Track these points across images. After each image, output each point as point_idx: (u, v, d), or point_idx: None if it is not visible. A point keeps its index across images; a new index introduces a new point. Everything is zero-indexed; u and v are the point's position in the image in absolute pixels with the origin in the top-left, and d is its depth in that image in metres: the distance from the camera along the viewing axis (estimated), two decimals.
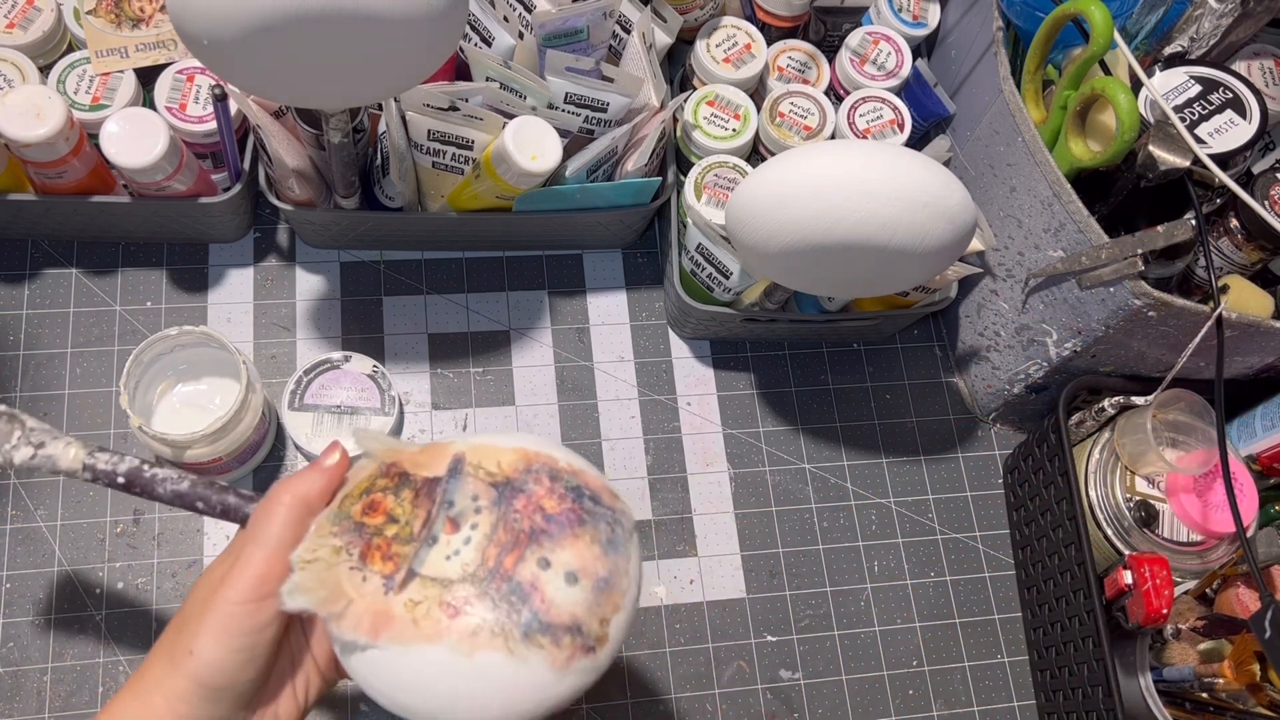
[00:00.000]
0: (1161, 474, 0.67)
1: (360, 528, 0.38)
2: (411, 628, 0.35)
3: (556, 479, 0.39)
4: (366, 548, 0.37)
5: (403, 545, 0.37)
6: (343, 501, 0.39)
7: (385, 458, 0.40)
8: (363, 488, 0.39)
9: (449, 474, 0.39)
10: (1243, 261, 0.64)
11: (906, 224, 0.53)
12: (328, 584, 0.36)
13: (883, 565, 0.73)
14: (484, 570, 0.36)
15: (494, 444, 0.40)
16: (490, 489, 0.38)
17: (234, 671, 0.37)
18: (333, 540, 0.37)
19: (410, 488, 0.38)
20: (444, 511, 0.38)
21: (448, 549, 0.37)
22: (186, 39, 0.49)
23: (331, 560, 0.37)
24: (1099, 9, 0.57)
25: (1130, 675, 0.62)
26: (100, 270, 0.72)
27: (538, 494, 0.38)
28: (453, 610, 0.35)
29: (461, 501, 0.38)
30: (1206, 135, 0.61)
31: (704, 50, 0.74)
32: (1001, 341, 0.73)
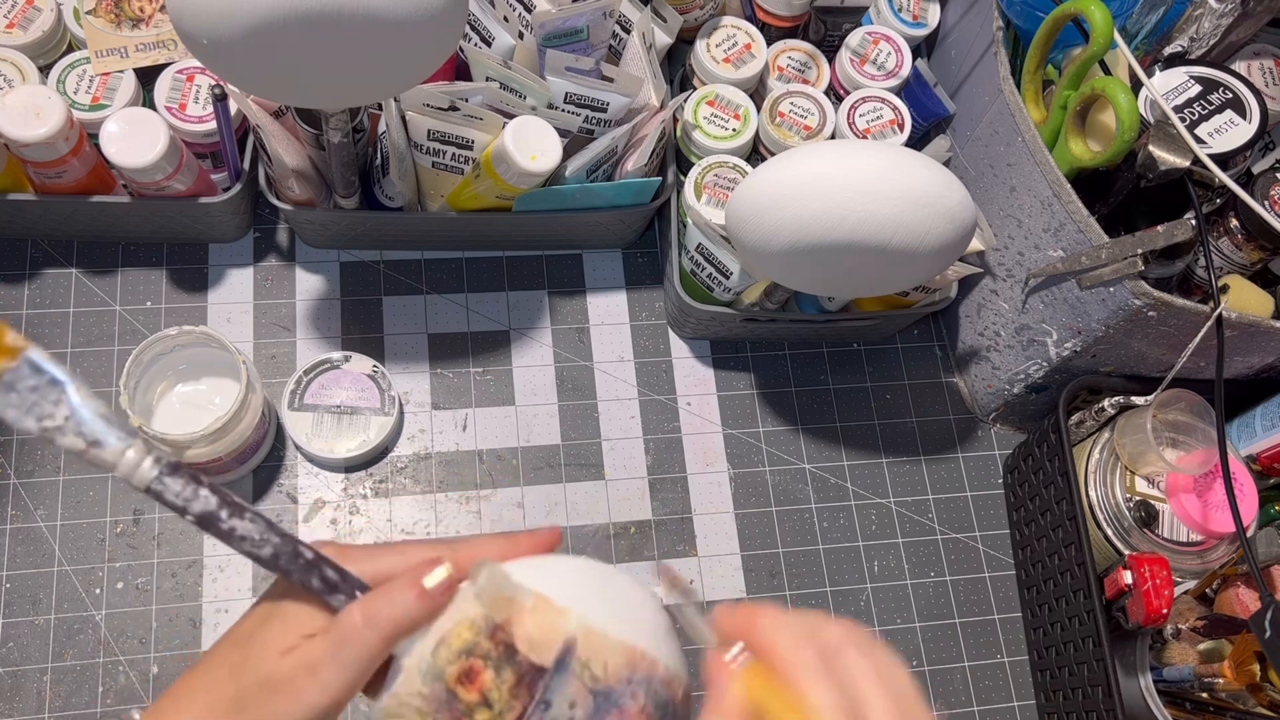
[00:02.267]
0: (1161, 474, 0.67)
1: (451, 700, 0.36)
2: None
3: (650, 695, 0.37)
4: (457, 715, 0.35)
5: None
6: (438, 650, 0.36)
7: (495, 612, 0.37)
8: (463, 642, 0.36)
9: (556, 668, 0.36)
10: (1243, 261, 0.64)
11: (907, 224, 0.53)
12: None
13: (883, 565, 0.73)
14: None
15: (608, 633, 0.37)
16: (589, 697, 0.36)
17: (342, 701, 0.36)
18: (420, 703, 0.36)
19: (514, 670, 0.36)
20: (540, 712, 0.36)
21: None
22: (186, 39, 0.49)
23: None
24: (1099, 9, 0.57)
25: (1130, 675, 0.62)
26: (100, 270, 0.72)
27: (630, 712, 0.37)
28: None
29: (559, 707, 0.36)
30: (1206, 135, 0.61)
31: (704, 50, 0.73)
32: (1001, 341, 0.73)
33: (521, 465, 0.71)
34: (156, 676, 0.63)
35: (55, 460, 0.67)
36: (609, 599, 0.39)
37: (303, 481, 0.69)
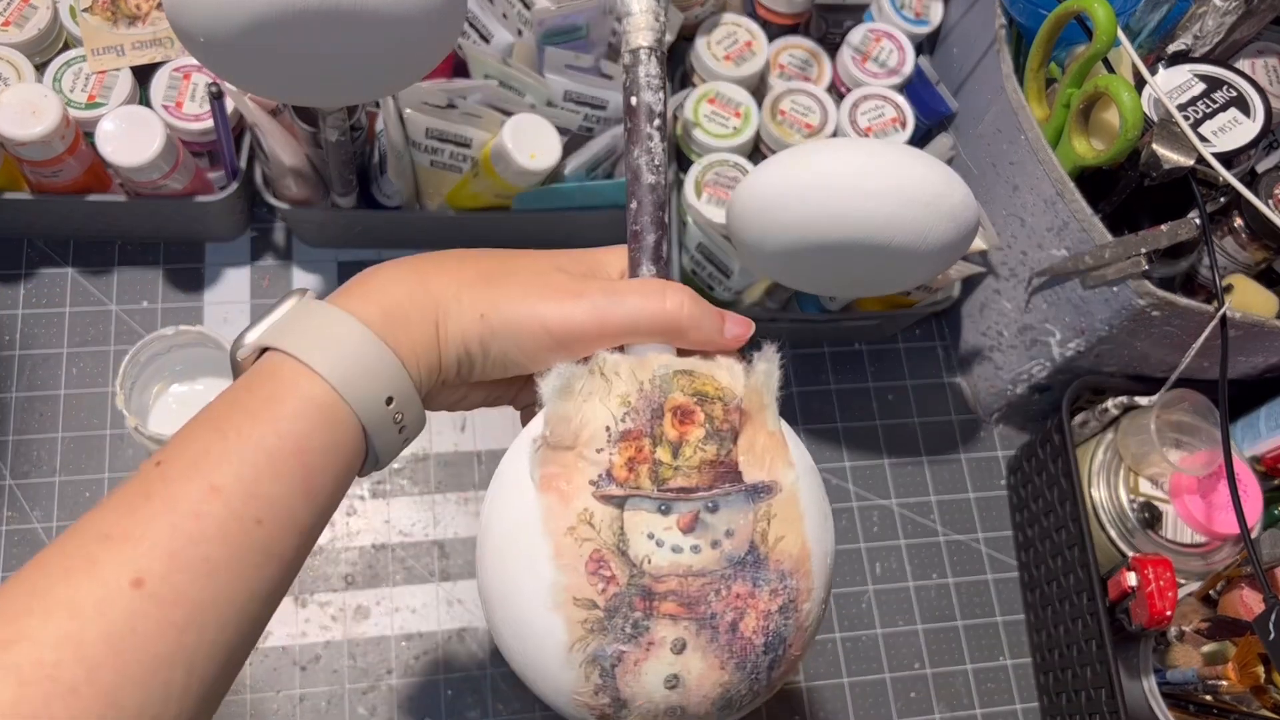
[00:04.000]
0: (1165, 475, 0.66)
1: (656, 416, 0.33)
2: (561, 530, 0.32)
3: (785, 613, 0.34)
4: (635, 435, 0.33)
5: (648, 478, 0.33)
6: (681, 374, 0.34)
7: (750, 399, 0.35)
8: (705, 389, 0.34)
9: (749, 488, 0.34)
10: (1247, 261, 0.64)
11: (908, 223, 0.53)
12: (582, 410, 0.33)
13: (885, 567, 0.72)
14: (650, 584, 0.32)
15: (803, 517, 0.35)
16: (746, 545, 0.33)
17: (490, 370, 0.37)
18: (634, 388, 0.34)
19: (718, 449, 0.34)
20: (704, 506, 0.33)
21: (661, 533, 0.33)
22: (183, 36, 0.49)
23: (611, 398, 0.34)
24: (1102, 6, 0.56)
25: (1134, 677, 0.62)
26: (96, 269, 0.71)
27: (758, 603, 0.33)
28: (595, 566, 0.32)
29: (721, 519, 0.33)
30: (1210, 134, 0.60)
31: (705, 47, 0.73)
32: (1004, 341, 0.73)
33: None
34: None
35: (51, 461, 0.66)
36: (821, 502, 0.37)
37: None
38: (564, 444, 0.33)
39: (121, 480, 0.32)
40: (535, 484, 0.33)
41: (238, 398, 0.33)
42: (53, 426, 0.67)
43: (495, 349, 0.35)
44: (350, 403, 0.33)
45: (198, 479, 0.31)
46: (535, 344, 0.35)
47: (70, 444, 0.67)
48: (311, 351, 0.33)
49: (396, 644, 0.65)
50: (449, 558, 0.68)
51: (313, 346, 0.33)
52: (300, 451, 0.32)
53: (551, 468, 0.33)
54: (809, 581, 0.35)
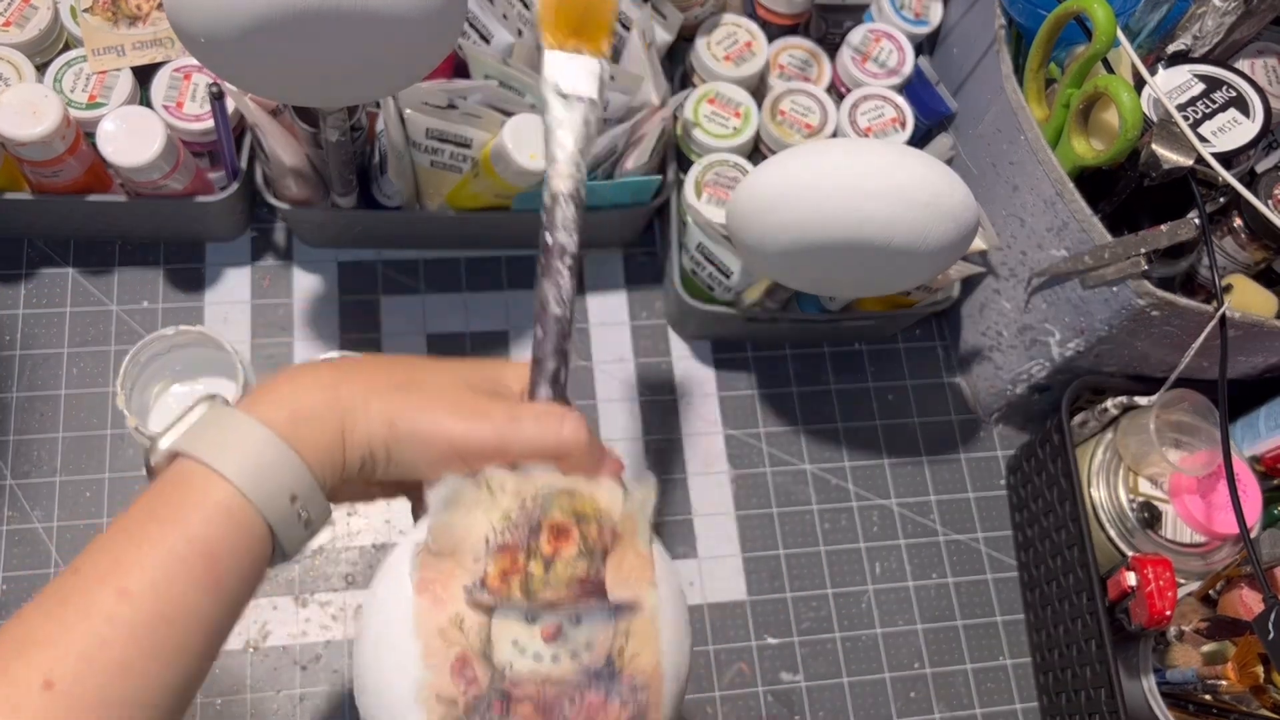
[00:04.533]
0: (1165, 475, 0.66)
1: (534, 532, 0.36)
2: (431, 630, 0.35)
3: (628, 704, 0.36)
4: (512, 549, 0.36)
5: (519, 587, 0.36)
6: (563, 495, 0.37)
7: (624, 523, 0.38)
8: (583, 510, 0.37)
9: (613, 607, 0.37)
10: (1246, 261, 0.64)
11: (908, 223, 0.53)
12: (463, 523, 0.36)
13: (884, 567, 0.72)
14: (507, 688, 0.35)
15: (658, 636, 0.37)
16: (603, 659, 0.36)
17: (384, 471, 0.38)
18: (516, 505, 0.36)
19: (588, 568, 0.36)
20: (569, 620, 0.36)
21: (525, 639, 0.35)
22: (183, 37, 0.49)
23: (494, 512, 0.36)
24: (1102, 7, 0.56)
25: (1133, 677, 0.62)
26: (96, 270, 0.71)
27: (609, 714, 0.36)
28: (459, 667, 0.35)
29: (583, 633, 0.36)
30: (1210, 134, 0.60)
31: (704, 48, 0.73)
32: (1004, 341, 0.73)
33: None
34: None
35: (52, 461, 0.66)
36: (679, 617, 0.39)
37: None
38: (444, 551, 0.35)
39: (44, 586, 0.34)
40: (413, 585, 0.35)
41: (151, 504, 0.35)
42: (53, 426, 0.67)
43: (399, 455, 0.38)
44: (256, 503, 0.35)
45: (110, 584, 0.33)
46: (437, 454, 0.38)
47: (70, 444, 0.67)
48: (219, 457, 0.35)
49: None
50: None
51: (220, 452, 0.35)
52: (208, 554, 0.34)
53: (430, 572, 0.35)
54: (659, 696, 0.37)
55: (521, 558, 0.35)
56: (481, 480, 0.37)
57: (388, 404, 0.38)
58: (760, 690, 0.68)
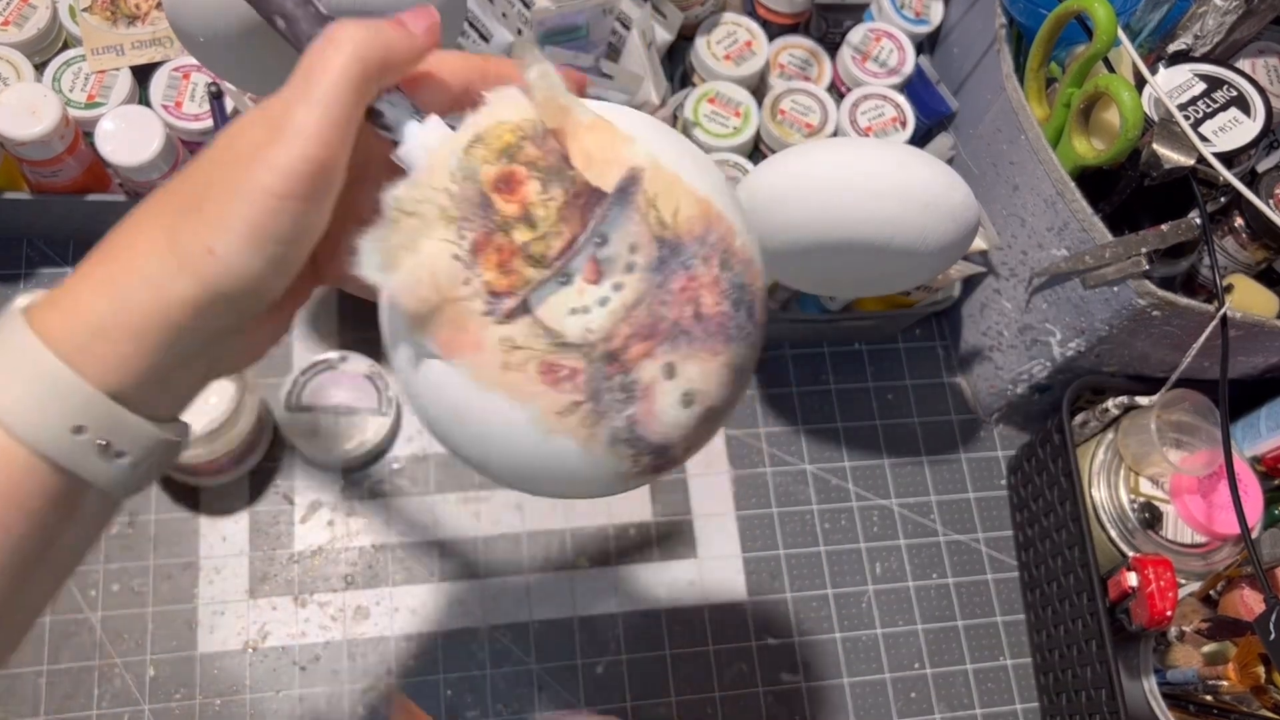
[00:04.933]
0: (1166, 475, 0.66)
1: (485, 207, 0.29)
2: (497, 371, 0.30)
3: (727, 267, 0.31)
4: (484, 241, 0.29)
5: (527, 264, 0.29)
6: (472, 145, 0.30)
7: (549, 114, 0.30)
8: (505, 142, 0.30)
9: (617, 196, 0.30)
10: (1247, 261, 0.64)
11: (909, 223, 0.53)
12: (420, 262, 0.29)
13: (885, 567, 0.72)
14: (605, 347, 0.30)
15: (676, 174, 0.31)
16: (654, 245, 0.30)
17: (265, 283, 0.29)
18: (444, 201, 0.29)
19: (562, 186, 0.30)
20: (592, 246, 0.30)
21: (578, 300, 0.30)
22: (182, 36, 0.48)
23: (434, 227, 0.29)
24: (1102, 6, 0.56)
25: (1134, 678, 0.62)
26: None
27: (701, 279, 0.31)
28: (553, 376, 0.30)
29: (617, 244, 0.30)
30: (1210, 133, 0.60)
31: (705, 47, 0.73)
32: (1005, 341, 0.73)
33: None
34: (153, 679, 0.62)
35: None
36: (681, 145, 0.33)
37: (299, 483, 0.68)
38: (432, 304, 0.29)
39: None
40: (440, 354, 0.30)
41: None
42: None
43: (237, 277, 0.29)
44: (27, 441, 0.29)
45: None
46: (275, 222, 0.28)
47: None
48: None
49: (396, 644, 0.65)
50: (448, 558, 0.68)
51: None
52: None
53: (441, 333, 0.30)
54: (725, 223, 0.32)
55: (500, 238, 0.29)
56: (391, 215, 0.29)
57: (192, 237, 0.29)
58: (760, 690, 0.68)
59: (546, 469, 0.31)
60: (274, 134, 0.28)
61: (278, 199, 0.28)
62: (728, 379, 0.32)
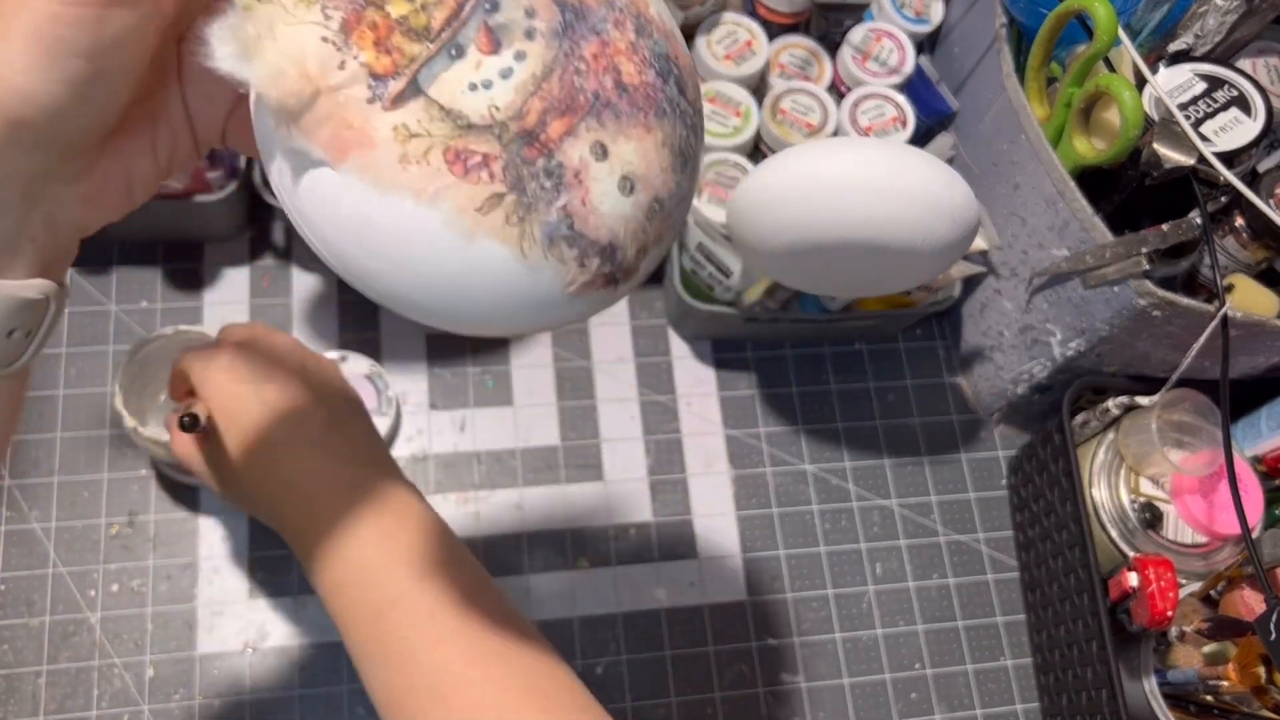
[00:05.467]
0: (1166, 475, 0.66)
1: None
2: (396, 167, 0.25)
3: (643, 33, 0.27)
4: (354, 18, 0.25)
5: (410, 40, 0.25)
6: None
7: None
8: None
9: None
10: (1248, 260, 0.64)
11: (909, 222, 0.53)
12: (284, 49, 0.25)
13: (885, 567, 0.72)
14: (519, 126, 0.26)
15: None
16: (554, 8, 0.26)
17: (62, 108, 0.25)
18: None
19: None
20: (481, 13, 0.26)
21: (475, 74, 0.26)
22: None
23: (293, 10, 0.25)
24: (1103, 6, 0.56)
25: (1134, 678, 0.62)
26: (95, 269, 0.71)
27: (616, 45, 0.27)
28: (462, 165, 0.25)
29: (510, 9, 0.26)
30: (1211, 133, 0.60)
31: (705, 47, 0.73)
32: (1005, 341, 0.73)
33: (520, 466, 0.71)
34: (152, 679, 0.62)
35: (50, 461, 0.66)
36: None
37: None
38: (306, 96, 0.25)
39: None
40: (327, 159, 0.26)
41: None
42: (51, 426, 0.67)
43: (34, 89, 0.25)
44: None
45: None
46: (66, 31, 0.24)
47: (69, 444, 0.67)
48: None
49: None
50: None
51: None
52: None
53: (322, 132, 0.26)
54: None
55: (372, 14, 0.25)
56: (240, 3, 0.25)
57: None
58: (760, 691, 0.68)
59: (475, 286, 0.27)
60: None
61: (63, 7, 0.24)
62: (669, 161, 0.28)
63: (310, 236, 0.28)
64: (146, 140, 0.30)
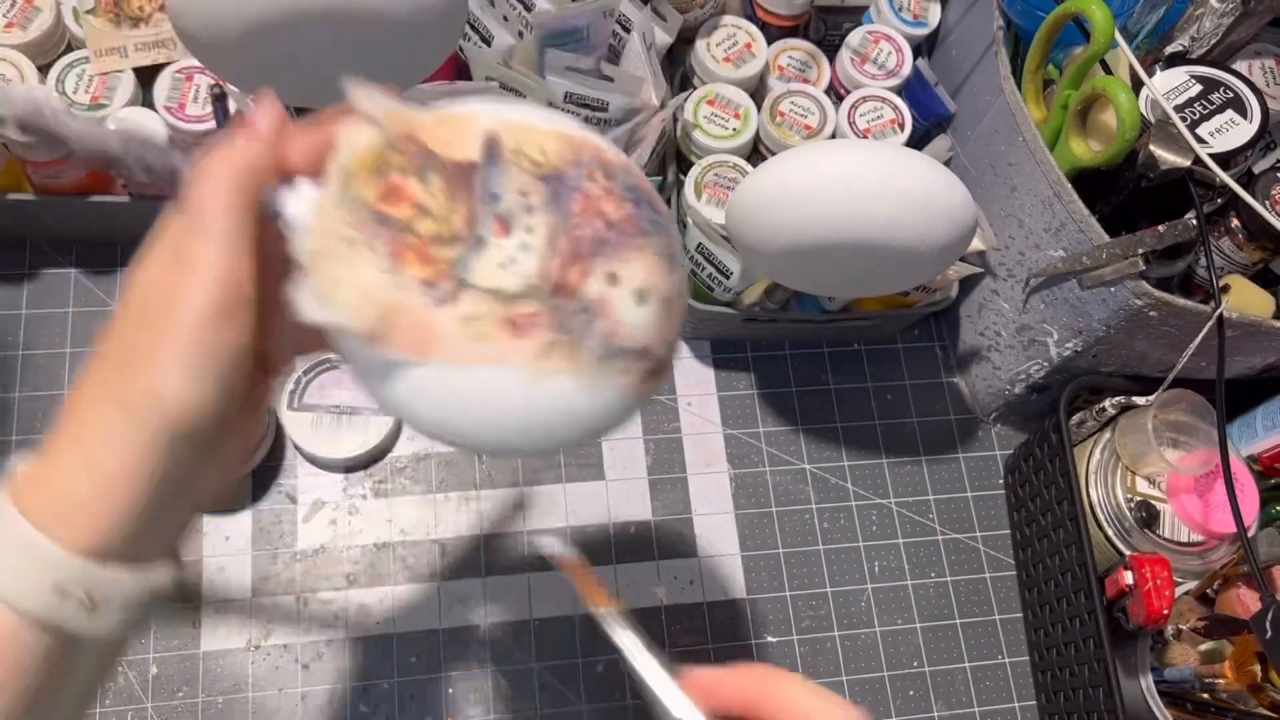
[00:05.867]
0: (1162, 474, 0.67)
1: (383, 220, 0.30)
2: (470, 347, 0.30)
3: (611, 176, 0.33)
4: (398, 247, 0.30)
5: (443, 247, 0.30)
6: (346, 180, 0.31)
7: (393, 125, 0.32)
8: (370, 163, 0.31)
9: (486, 159, 0.32)
10: (1244, 261, 0.64)
11: (907, 224, 0.53)
12: (353, 289, 0.30)
13: (883, 566, 0.73)
14: (548, 283, 0.31)
15: (528, 123, 0.33)
16: (539, 184, 0.32)
17: (216, 406, 0.30)
18: (347, 232, 0.30)
19: (438, 173, 0.31)
20: (490, 207, 0.31)
21: (501, 256, 0.31)
22: (185, 39, 0.49)
23: (350, 258, 0.30)
24: (1100, 8, 0.56)
25: (1131, 676, 0.62)
26: (99, 270, 0.72)
27: (594, 195, 0.32)
28: (519, 329, 0.30)
29: (509, 196, 0.31)
30: (1207, 135, 0.61)
31: (704, 49, 0.73)
32: (1002, 341, 0.73)
33: (521, 466, 0.71)
34: (155, 676, 0.63)
35: None
36: (519, 104, 0.34)
37: (302, 482, 0.69)
38: (380, 318, 0.30)
39: None
40: (410, 359, 0.31)
41: None
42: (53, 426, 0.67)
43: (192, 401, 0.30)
44: (13, 605, 0.30)
45: None
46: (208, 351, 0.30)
47: None
48: None
49: (398, 643, 0.66)
50: (450, 557, 0.68)
51: None
52: None
53: (402, 340, 0.30)
54: (589, 143, 0.33)
55: (409, 239, 0.30)
56: (307, 266, 0.30)
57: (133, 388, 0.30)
58: None
59: (552, 416, 0.32)
60: (183, 273, 0.30)
61: (201, 330, 0.29)
62: (664, 266, 0.33)
63: (408, 420, 0.33)
64: (250, 405, 0.34)
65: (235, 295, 0.30)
